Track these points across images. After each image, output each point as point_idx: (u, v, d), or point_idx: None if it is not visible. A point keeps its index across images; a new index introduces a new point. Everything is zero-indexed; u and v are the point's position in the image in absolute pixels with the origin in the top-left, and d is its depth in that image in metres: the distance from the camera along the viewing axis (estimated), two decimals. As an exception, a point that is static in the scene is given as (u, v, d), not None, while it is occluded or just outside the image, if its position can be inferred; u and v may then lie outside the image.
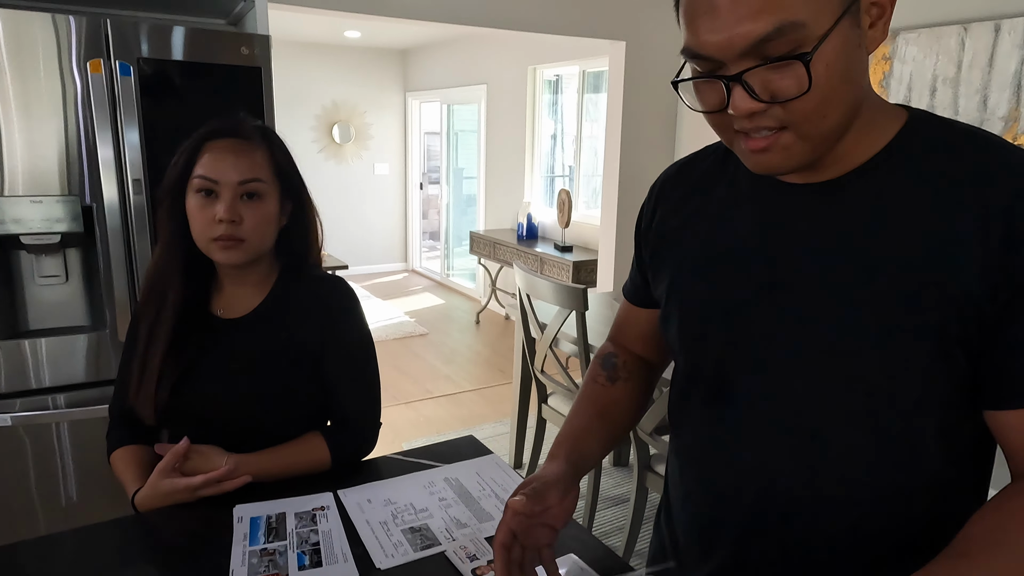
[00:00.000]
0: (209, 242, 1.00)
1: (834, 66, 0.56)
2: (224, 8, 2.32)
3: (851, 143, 0.64)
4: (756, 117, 0.59)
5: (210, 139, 1.00)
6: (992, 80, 2.38)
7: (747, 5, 0.54)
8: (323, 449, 1.08)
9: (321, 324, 1.09)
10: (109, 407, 1.16)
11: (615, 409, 0.89)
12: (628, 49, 3.50)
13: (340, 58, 6.27)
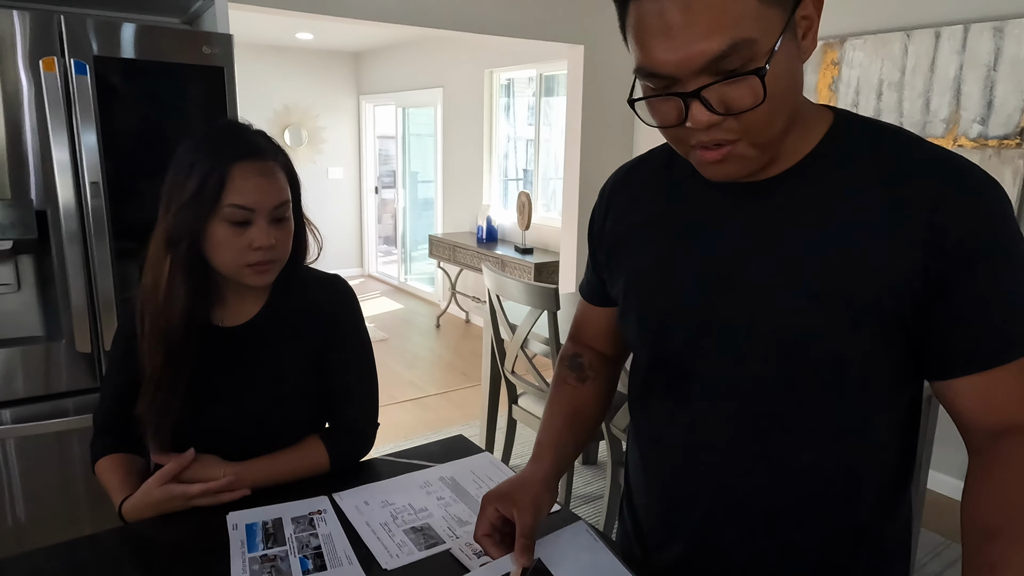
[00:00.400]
0: (242, 268, 0.96)
1: (782, 77, 0.60)
2: (179, 7, 2.25)
3: (787, 144, 0.69)
4: (712, 130, 0.62)
5: (236, 161, 0.94)
6: (934, 84, 2.51)
7: (701, 25, 0.57)
8: (322, 453, 1.07)
9: (323, 327, 1.08)
10: (94, 416, 1.11)
11: (587, 408, 0.93)
12: (586, 53, 3.54)
13: (292, 60, 6.15)
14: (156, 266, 0.97)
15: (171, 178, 0.95)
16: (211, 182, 0.92)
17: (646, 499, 0.87)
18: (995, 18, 2.34)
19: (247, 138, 0.97)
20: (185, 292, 0.96)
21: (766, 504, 0.75)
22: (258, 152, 0.96)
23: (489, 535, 0.78)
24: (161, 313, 0.96)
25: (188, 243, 0.95)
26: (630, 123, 3.81)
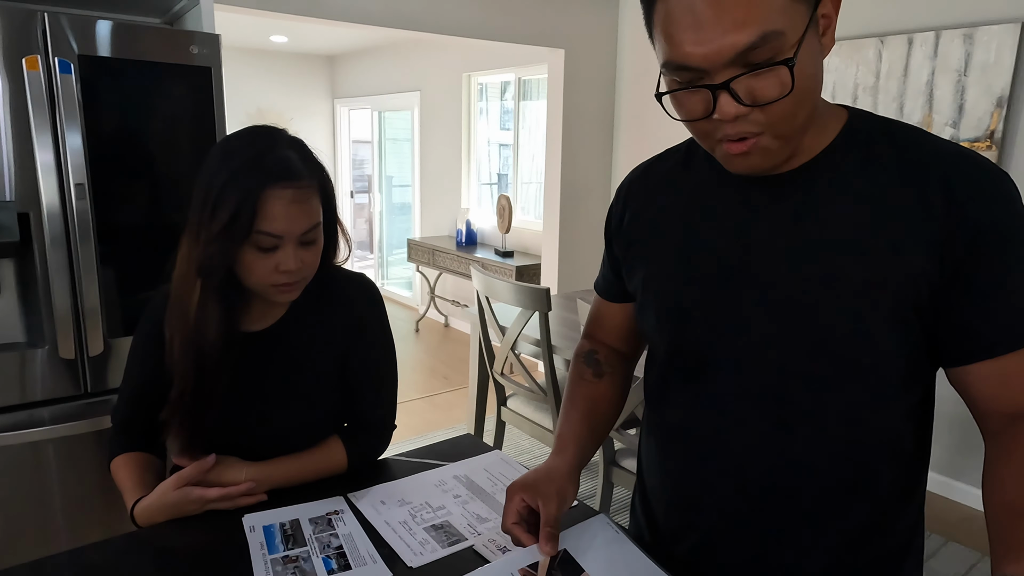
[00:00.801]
0: (268, 287, 0.95)
1: (807, 69, 0.62)
2: (160, 6, 2.22)
3: (805, 143, 0.71)
4: (739, 122, 0.64)
5: (269, 186, 0.88)
6: (907, 88, 2.59)
7: (731, 17, 0.59)
8: (341, 453, 1.07)
9: (349, 327, 1.07)
10: (112, 414, 1.09)
11: (605, 403, 0.94)
12: (567, 57, 3.57)
13: (265, 63, 6.08)
14: (185, 289, 0.93)
15: (200, 200, 0.90)
16: (244, 212, 0.88)
17: (662, 491, 0.89)
18: (965, 25, 2.43)
19: (280, 156, 0.91)
20: (218, 313, 0.94)
21: (784, 493, 0.76)
22: (291, 175, 0.90)
23: (518, 523, 0.79)
24: (193, 333, 0.94)
25: (223, 270, 0.92)
26: (609, 126, 3.85)
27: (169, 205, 1.90)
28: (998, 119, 2.38)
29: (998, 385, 0.68)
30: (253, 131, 0.95)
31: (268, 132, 0.95)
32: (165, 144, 1.88)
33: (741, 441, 0.77)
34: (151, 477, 1.03)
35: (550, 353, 2.25)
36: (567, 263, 3.85)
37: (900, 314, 0.68)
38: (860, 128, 0.72)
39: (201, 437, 0.98)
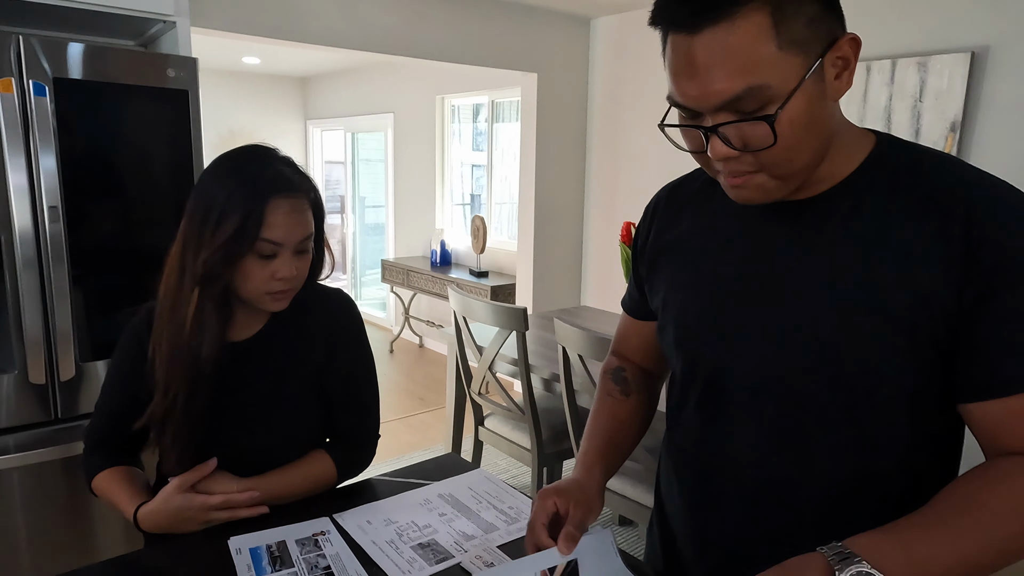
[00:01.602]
0: (262, 295, 0.98)
1: (798, 121, 0.63)
2: (135, 29, 2.21)
3: (827, 168, 0.71)
4: (731, 162, 0.66)
5: (273, 196, 0.94)
6: (867, 113, 2.70)
7: (720, 67, 0.61)
8: (330, 467, 1.08)
9: (327, 339, 1.09)
10: (87, 432, 1.09)
11: (631, 421, 0.94)
12: (540, 81, 3.64)
13: (237, 84, 6.06)
14: (179, 300, 0.96)
15: (200, 215, 0.94)
16: (251, 221, 0.92)
17: (679, 510, 0.89)
18: (919, 54, 2.55)
19: (278, 170, 0.97)
20: (216, 323, 0.97)
21: (797, 521, 0.76)
22: (290, 186, 0.96)
23: (545, 524, 0.78)
24: (188, 344, 0.95)
25: (224, 280, 0.95)
26: (582, 149, 3.92)
27: (144, 227, 1.89)
28: (952, 143, 2.50)
29: (1005, 426, 0.66)
30: (249, 149, 1.00)
31: (263, 150, 1.00)
32: (140, 166, 1.87)
33: (753, 468, 0.77)
34: (142, 486, 1.04)
35: (527, 372, 2.27)
36: (542, 283, 3.89)
37: (916, 347, 0.67)
38: (886, 156, 0.72)
39: (192, 449, 0.98)
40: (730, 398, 0.78)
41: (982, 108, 2.45)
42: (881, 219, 0.69)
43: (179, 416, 0.96)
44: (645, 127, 3.56)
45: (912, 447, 0.72)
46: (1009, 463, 0.65)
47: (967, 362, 0.66)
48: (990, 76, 2.42)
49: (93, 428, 1.08)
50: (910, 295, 0.66)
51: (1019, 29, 2.34)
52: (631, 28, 3.58)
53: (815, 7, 0.63)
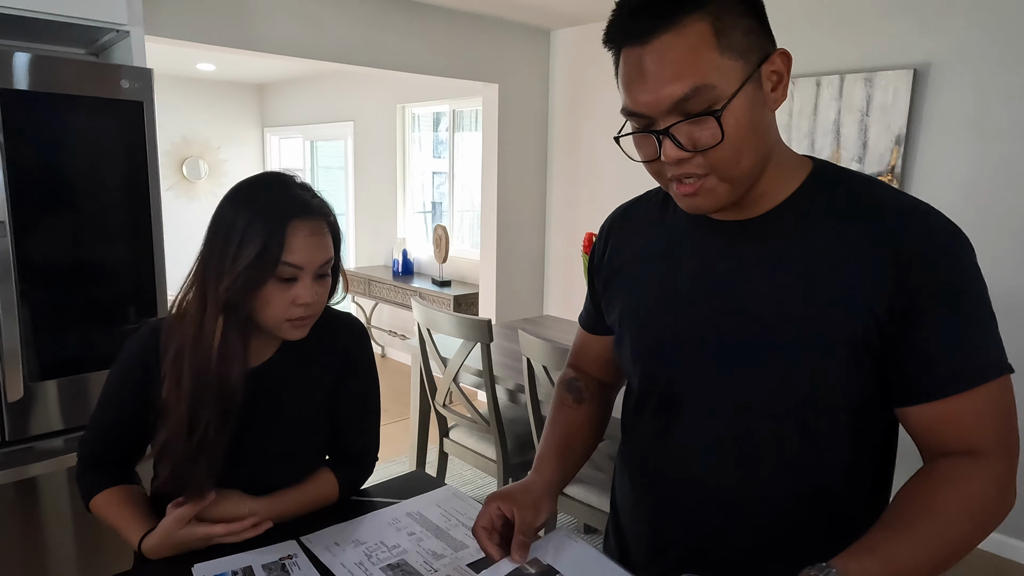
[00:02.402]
0: (282, 322, 0.96)
1: (742, 120, 0.69)
2: (85, 37, 2.15)
3: (768, 186, 0.77)
4: (683, 164, 0.71)
5: (293, 219, 0.93)
6: (817, 126, 2.79)
7: (669, 72, 0.68)
8: (334, 485, 1.10)
9: (337, 363, 1.10)
10: (81, 449, 1.06)
11: (584, 428, 0.98)
12: (501, 91, 3.66)
13: (191, 91, 5.92)
14: (204, 331, 0.94)
15: (220, 242, 0.93)
16: (272, 244, 0.92)
17: (633, 519, 0.92)
18: (865, 70, 2.65)
19: (296, 194, 0.97)
20: (242, 351, 0.96)
21: (749, 523, 0.80)
22: (310, 210, 0.96)
23: (487, 528, 0.81)
24: (216, 371, 0.94)
25: (248, 306, 0.94)
26: (544, 158, 3.95)
27: (96, 242, 1.83)
28: (897, 155, 2.60)
29: (927, 430, 0.73)
30: (266, 175, 1.00)
31: (280, 175, 1.00)
32: (92, 179, 1.82)
33: (707, 472, 0.81)
34: (146, 509, 1.03)
35: (492, 384, 2.27)
36: (505, 292, 3.90)
37: (854, 357, 0.73)
38: (823, 179, 0.78)
39: (214, 479, 0.97)
40: (683, 409, 0.82)
41: (924, 122, 2.56)
42: (820, 238, 0.74)
43: (210, 446, 0.95)
44: (604, 137, 3.61)
45: (854, 450, 0.78)
46: (948, 467, 0.71)
47: (903, 370, 0.72)
48: (931, 92, 2.53)
49: (88, 443, 1.06)
50: (848, 310, 0.72)
51: (956, 48, 2.45)
52: (589, 40, 3.63)
53: (749, 21, 0.70)
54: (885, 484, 0.84)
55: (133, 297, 1.92)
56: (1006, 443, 0.71)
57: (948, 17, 2.46)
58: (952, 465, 0.71)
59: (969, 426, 0.71)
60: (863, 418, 0.77)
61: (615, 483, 0.99)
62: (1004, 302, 2.39)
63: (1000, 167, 2.41)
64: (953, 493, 0.69)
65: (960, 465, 0.70)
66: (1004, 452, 0.71)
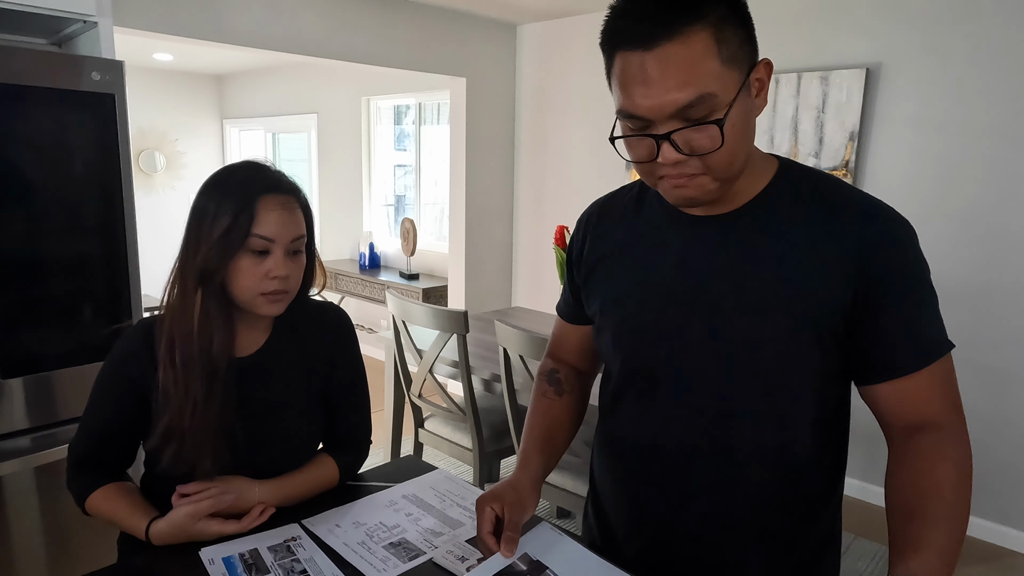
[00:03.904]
0: (256, 296, 0.99)
1: (738, 127, 0.74)
2: (48, 27, 2.11)
3: (742, 184, 0.83)
4: (679, 166, 0.76)
5: (262, 194, 0.99)
6: (776, 123, 2.91)
7: (673, 79, 0.70)
8: (333, 468, 1.14)
9: (326, 351, 1.13)
10: (71, 451, 1.06)
11: (565, 419, 1.04)
12: (468, 85, 3.69)
13: (147, 82, 5.77)
14: (185, 303, 0.99)
15: (197, 221, 0.99)
16: (243, 216, 0.97)
17: (614, 499, 0.98)
18: (821, 69, 2.77)
19: (269, 174, 1.02)
20: (223, 322, 0.99)
21: (723, 492, 0.87)
22: (280, 186, 1.02)
23: (493, 533, 0.87)
24: (199, 344, 0.98)
25: (221, 276, 0.98)
26: (511, 151, 4.00)
27: (66, 236, 1.81)
28: (851, 151, 2.73)
29: (898, 402, 0.80)
30: (240, 162, 1.05)
31: (252, 162, 1.05)
32: (58, 173, 1.78)
33: (684, 449, 0.88)
34: (143, 499, 1.04)
35: (468, 374, 2.32)
36: (474, 284, 3.94)
37: (820, 339, 0.80)
38: (789, 176, 0.84)
39: (213, 460, 0.99)
40: (663, 390, 0.88)
41: (876, 119, 2.69)
42: (788, 232, 0.81)
43: (202, 423, 0.98)
44: (570, 131, 3.67)
45: (817, 425, 0.85)
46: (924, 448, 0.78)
47: (868, 351, 0.80)
48: (882, 90, 2.67)
49: (79, 446, 1.06)
50: (813, 297, 0.79)
51: (905, 49, 2.59)
52: (555, 35, 3.69)
53: (743, 31, 0.74)
54: (841, 459, 0.91)
55: (104, 293, 1.90)
56: (957, 409, 0.81)
57: (897, 20, 2.59)
58: (926, 444, 0.78)
59: (928, 397, 0.80)
60: (826, 393, 0.85)
61: (593, 465, 1.05)
62: (941, 285, 2.54)
63: (940, 160, 2.56)
64: (943, 471, 0.76)
65: (932, 442, 0.78)
66: (957, 417, 0.80)
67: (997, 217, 2.47)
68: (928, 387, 0.79)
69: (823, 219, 0.80)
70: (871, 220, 0.79)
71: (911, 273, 0.79)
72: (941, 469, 0.76)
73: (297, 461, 1.11)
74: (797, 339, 0.80)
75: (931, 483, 0.76)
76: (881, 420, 0.84)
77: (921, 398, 0.80)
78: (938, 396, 0.80)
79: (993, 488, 2.58)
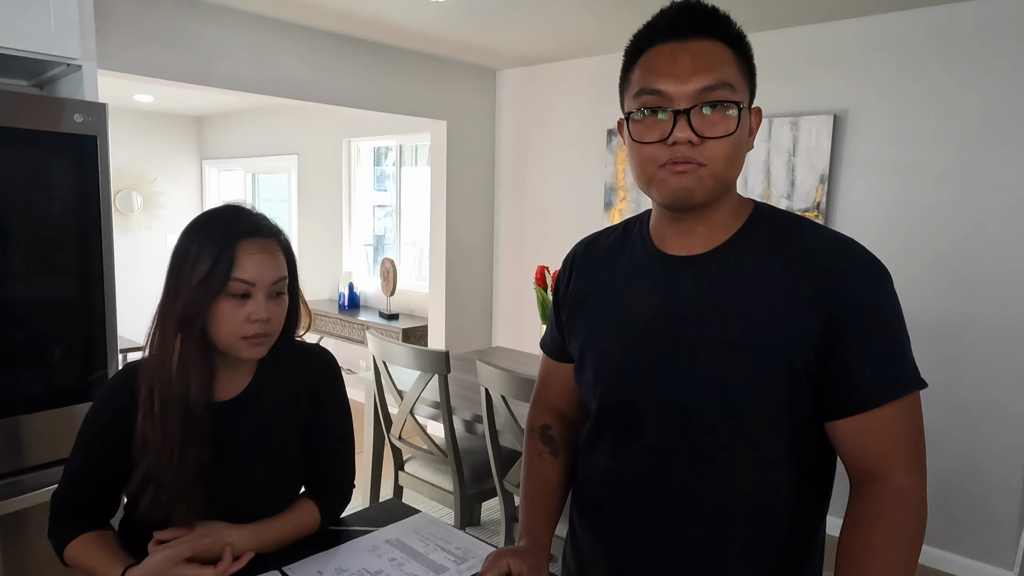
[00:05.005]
0: (238, 340, 0.99)
1: (742, 134, 0.82)
2: (31, 69, 2.12)
3: (722, 219, 0.87)
4: (689, 148, 0.80)
5: (242, 238, 0.99)
6: (749, 166, 2.99)
7: (702, 64, 0.80)
8: (315, 513, 1.11)
9: (309, 395, 1.12)
10: (53, 499, 1.04)
11: (564, 483, 1.04)
12: (449, 128, 3.75)
13: (126, 122, 5.78)
14: (165, 348, 0.98)
15: (178, 265, 0.99)
16: (222, 261, 0.97)
17: (592, 536, 0.98)
18: (791, 115, 2.87)
19: (249, 218, 1.03)
20: (201, 368, 0.98)
21: (701, 529, 0.87)
22: (260, 230, 1.02)
23: None
24: (177, 389, 0.97)
25: (201, 320, 0.97)
26: (491, 193, 4.05)
27: (45, 278, 1.78)
28: (822, 193, 2.82)
29: (856, 441, 0.81)
30: (221, 207, 1.05)
31: (233, 206, 1.05)
32: (35, 214, 1.77)
33: (661, 488, 0.88)
34: (122, 548, 1.02)
35: (450, 415, 2.30)
36: (454, 324, 3.94)
37: (793, 378, 0.81)
38: (763, 217, 0.88)
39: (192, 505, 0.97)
40: (640, 428, 0.89)
41: (844, 163, 2.79)
42: (761, 271, 0.84)
43: (179, 469, 0.96)
44: (549, 173, 3.74)
45: (796, 467, 0.86)
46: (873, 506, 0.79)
47: (830, 386, 0.82)
48: (849, 136, 2.77)
49: (61, 494, 1.04)
50: (785, 335, 0.81)
51: (869, 97, 2.70)
52: (534, 80, 3.78)
53: (751, 72, 0.85)
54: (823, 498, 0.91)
55: (78, 336, 1.86)
56: (917, 456, 0.81)
57: (862, 68, 2.71)
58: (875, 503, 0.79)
59: (886, 440, 0.80)
60: (804, 437, 0.85)
61: (573, 500, 1.04)
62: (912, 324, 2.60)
63: (906, 202, 2.65)
64: (885, 533, 0.78)
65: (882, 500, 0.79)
66: (916, 466, 0.80)
67: (962, 256, 2.55)
68: (888, 426, 0.80)
69: (795, 259, 0.83)
70: (841, 259, 0.82)
71: (879, 310, 0.81)
72: (884, 531, 0.78)
73: (278, 506, 1.09)
74: (770, 378, 0.82)
75: (870, 543, 0.78)
76: (844, 463, 0.85)
77: (878, 439, 0.80)
78: (897, 438, 0.80)
79: (971, 524, 2.60)
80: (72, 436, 1.07)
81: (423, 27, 3.04)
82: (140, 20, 2.59)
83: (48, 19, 1.87)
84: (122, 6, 2.54)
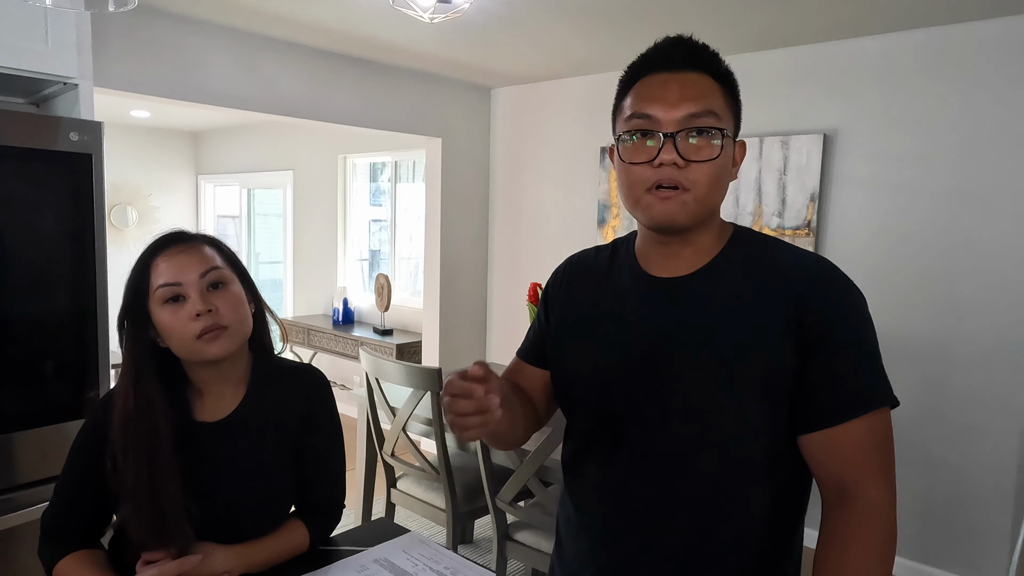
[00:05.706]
0: (193, 342, 0.99)
1: (726, 158, 0.86)
2: (27, 88, 2.13)
3: (704, 242, 0.90)
4: (675, 171, 0.83)
5: (156, 252, 1.01)
6: (740, 184, 3.02)
7: (690, 94, 0.84)
8: (304, 534, 1.11)
9: (299, 416, 1.12)
10: (43, 519, 1.04)
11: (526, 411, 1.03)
12: (444, 145, 3.78)
13: (122, 137, 5.80)
14: (123, 381, 1.00)
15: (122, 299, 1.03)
16: (143, 278, 1.01)
17: (579, 552, 0.99)
18: (782, 134, 2.91)
19: (167, 236, 1.05)
20: (157, 394, 0.98)
21: (686, 542, 0.89)
22: (174, 240, 1.04)
23: None
24: (137, 419, 0.97)
25: (145, 339, 0.99)
26: (486, 210, 4.07)
27: (40, 296, 1.79)
28: (812, 211, 2.84)
29: (826, 455, 0.83)
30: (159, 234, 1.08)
31: (169, 231, 1.07)
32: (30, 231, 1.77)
33: (645, 503, 0.90)
34: (109, 569, 1.02)
35: (442, 432, 2.30)
36: (448, 340, 3.94)
37: (770, 395, 0.85)
38: (742, 240, 0.92)
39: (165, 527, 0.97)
40: (623, 445, 0.92)
41: (834, 182, 2.82)
42: (738, 294, 0.88)
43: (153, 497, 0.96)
44: (543, 190, 3.77)
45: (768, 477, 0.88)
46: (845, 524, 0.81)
47: (802, 401, 0.85)
48: (839, 154, 2.80)
49: (50, 515, 1.05)
50: (762, 355, 0.84)
51: (859, 116, 2.74)
52: (528, 98, 3.82)
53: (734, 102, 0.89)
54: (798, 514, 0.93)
55: (71, 353, 1.87)
56: (887, 473, 0.83)
57: (851, 88, 2.75)
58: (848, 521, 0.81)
59: (857, 452, 0.82)
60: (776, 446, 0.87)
61: (559, 516, 1.06)
62: (898, 342, 2.62)
63: (895, 221, 2.68)
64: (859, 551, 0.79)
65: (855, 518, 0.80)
66: (885, 484, 0.82)
67: (950, 274, 2.57)
68: (859, 440, 0.82)
69: (770, 279, 0.87)
70: (814, 279, 0.86)
71: (850, 327, 0.84)
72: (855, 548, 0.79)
73: (267, 527, 1.09)
74: (748, 393, 0.84)
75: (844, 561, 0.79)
76: (816, 478, 0.87)
77: (849, 452, 0.82)
78: (868, 452, 0.82)
79: (960, 541, 2.60)
80: (64, 453, 1.08)
81: (418, 46, 3.08)
82: (136, 39, 2.61)
83: (45, 38, 1.89)
84: (119, 25, 2.56)
